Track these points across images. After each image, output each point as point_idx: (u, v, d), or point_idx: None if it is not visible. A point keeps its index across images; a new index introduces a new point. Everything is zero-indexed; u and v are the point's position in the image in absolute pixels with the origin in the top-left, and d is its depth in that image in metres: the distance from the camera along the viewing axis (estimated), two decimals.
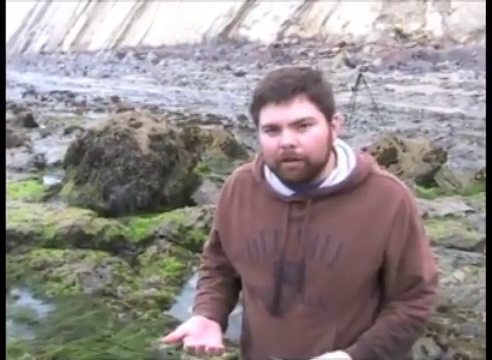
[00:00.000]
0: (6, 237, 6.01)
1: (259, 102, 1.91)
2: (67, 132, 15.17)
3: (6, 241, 5.99)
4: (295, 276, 1.97)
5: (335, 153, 2.00)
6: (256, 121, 1.96)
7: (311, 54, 54.22)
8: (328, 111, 1.92)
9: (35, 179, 9.35)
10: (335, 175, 1.96)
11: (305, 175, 1.90)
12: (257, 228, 2.02)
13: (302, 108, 1.86)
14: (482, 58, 32.16)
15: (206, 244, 2.32)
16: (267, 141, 1.91)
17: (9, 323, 4.67)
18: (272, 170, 1.97)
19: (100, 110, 23.61)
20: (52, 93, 32.21)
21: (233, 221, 2.09)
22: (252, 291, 2.10)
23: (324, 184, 1.95)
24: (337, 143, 2.02)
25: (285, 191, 1.98)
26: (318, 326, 2.00)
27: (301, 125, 1.86)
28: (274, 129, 1.88)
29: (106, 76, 51.73)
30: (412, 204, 1.99)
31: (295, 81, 1.87)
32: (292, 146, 1.86)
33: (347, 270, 1.93)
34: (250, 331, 2.14)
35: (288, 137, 1.86)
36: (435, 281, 2.05)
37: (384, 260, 1.96)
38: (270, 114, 1.88)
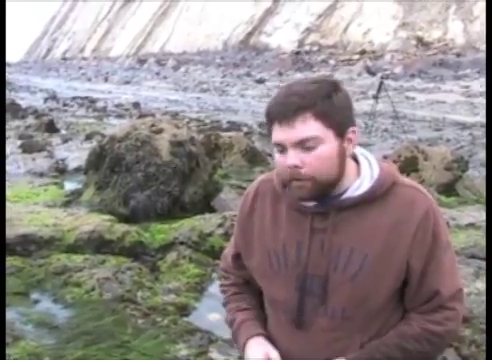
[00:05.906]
0: (26, 241, 6.09)
1: (267, 119, 1.91)
2: (88, 137, 15.22)
3: (26, 245, 6.06)
4: (318, 289, 1.93)
5: (357, 162, 1.97)
6: (270, 136, 1.93)
7: (332, 62, 54.15)
8: (339, 126, 1.85)
9: (56, 184, 9.36)
10: (358, 185, 1.92)
11: (314, 193, 1.87)
12: (278, 240, 1.99)
13: (305, 128, 1.81)
14: None
15: (226, 255, 2.28)
16: (277, 158, 1.90)
17: (29, 327, 4.69)
18: (284, 187, 1.94)
19: (121, 116, 23.70)
20: (73, 99, 32.43)
21: (254, 232, 2.06)
22: (274, 304, 2.08)
23: (346, 195, 1.92)
24: (360, 152, 1.99)
25: (307, 202, 1.95)
26: (343, 339, 1.96)
27: (306, 145, 1.82)
28: (281, 147, 1.86)
29: (127, 82, 52.00)
30: (437, 216, 1.93)
31: (300, 99, 1.82)
32: (296, 166, 1.83)
33: (370, 283, 1.90)
34: (272, 342, 2.09)
35: (292, 157, 1.83)
36: (457, 297, 1.98)
37: (407, 272, 1.92)
38: (276, 133, 1.86)
